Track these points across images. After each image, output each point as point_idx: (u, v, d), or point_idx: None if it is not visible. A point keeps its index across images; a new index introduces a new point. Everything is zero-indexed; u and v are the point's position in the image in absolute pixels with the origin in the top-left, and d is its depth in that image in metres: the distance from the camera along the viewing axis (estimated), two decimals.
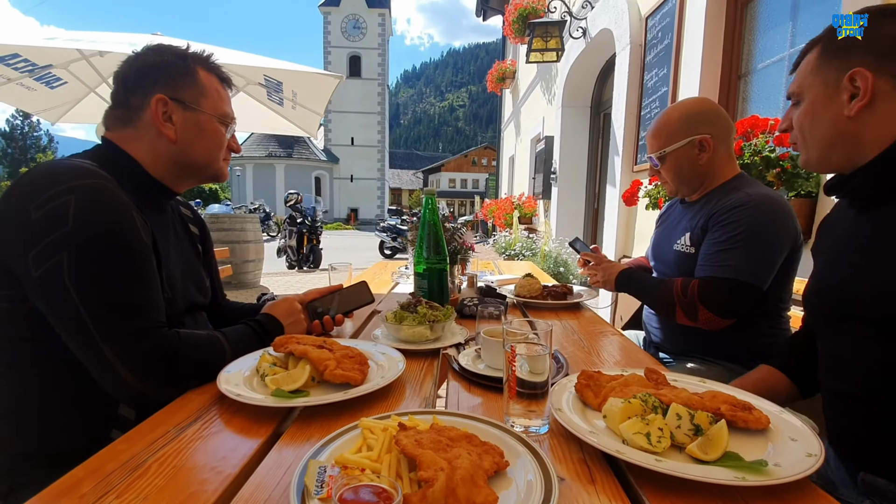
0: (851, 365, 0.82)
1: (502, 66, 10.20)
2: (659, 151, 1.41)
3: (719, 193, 1.37)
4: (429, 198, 1.32)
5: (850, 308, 0.81)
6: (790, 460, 0.58)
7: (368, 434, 0.60)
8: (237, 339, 0.96)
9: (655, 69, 3.75)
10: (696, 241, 1.36)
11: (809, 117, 0.85)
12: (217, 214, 6.14)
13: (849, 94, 0.79)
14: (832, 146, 0.84)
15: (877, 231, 0.80)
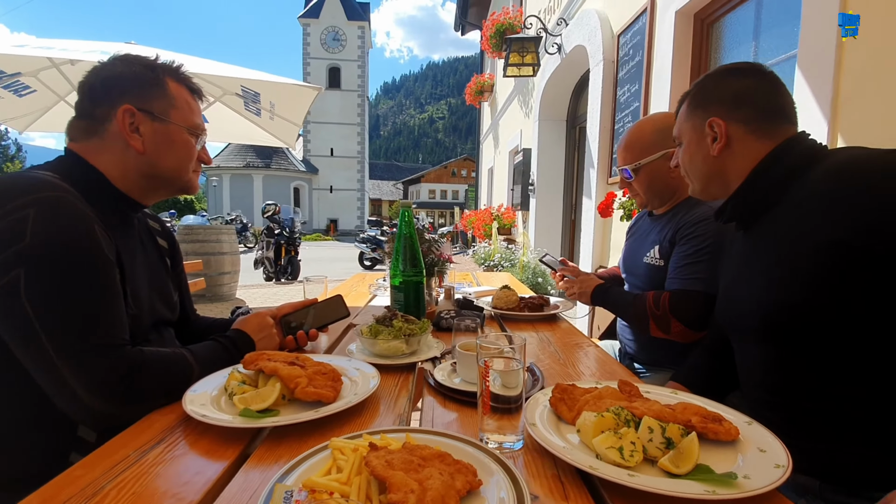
0: (758, 373, 0.91)
1: (480, 80, 10.35)
2: (633, 164, 1.43)
3: (685, 207, 1.41)
4: (405, 210, 1.31)
5: (741, 322, 0.94)
6: (759, 472, 0.58)
7: (338, 455, 0.59)
8: (205, 356, 0.93)
9: (627, 85, 3.86)
10: (664, 254, 1.39)
11: (688, 156, 1.03)
12: (192, 226, 6.00)
13: (711, 138, 0.96)
14: (708, 179, 1.00)
15: (749, 249, 0.95)
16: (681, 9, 3.05)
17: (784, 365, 0.85)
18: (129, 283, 0.93)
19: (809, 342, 0.80)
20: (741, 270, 0.96)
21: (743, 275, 0.95)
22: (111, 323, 0.81)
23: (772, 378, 0.88)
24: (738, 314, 0.95)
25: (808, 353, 0.81)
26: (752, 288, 0.90)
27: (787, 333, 0.83)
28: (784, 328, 0.83)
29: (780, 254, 0.84)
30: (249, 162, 33.19)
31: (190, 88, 1.05)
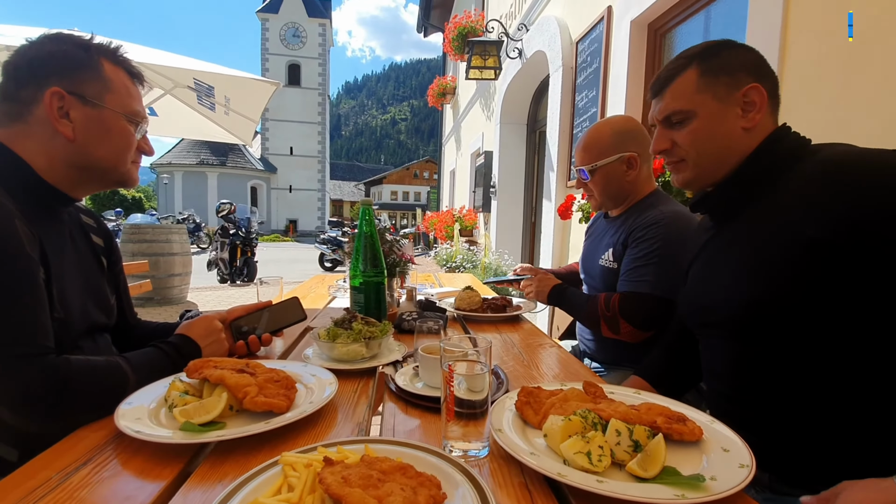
0: (719, 367, 0.92)
1: (443, 82, 10.37)
2: (590, 165, 1.44)
3: (637, 210, 1.44)
4: (365, 208, 1.27)
5: (707, 317, 0.92)
6: (725, 473, 0.58)
7: (290, 471, 0.54)
8: (144, 364, 0.85)
9: (585, 91, 3.95)
10: (617, 256, 1.42)
11: (705, 133, 0.88)
12: (139, 225, 5.66)
13: (740, 108, 0.85)
14: (724, 160, 0.88)
15: (722, 244, 0.91)
16: (635, 19, 3.15)
17: (748, 360, 0.84)
18: (55, 285, 0.83)
19: (778, 339, 0.80)
20: (712, 266, 0.93)
21: (715, 270, 0.92)
22: (33, 329, 0.73)
23: (734, 373, 0.88)
24: (707, 309, 0.92)
25: (774, 350, 0.80)
26: (723, 283, 0.87)
27: (756, 330, 0.82)
28: (755, 324, 0.82)
29: (756, 249, 0.81)
30: (203, 159, 31.76)
31: (129, 72, 0.96)
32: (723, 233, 0.93)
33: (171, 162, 31.17)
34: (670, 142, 0.93)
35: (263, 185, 35.13)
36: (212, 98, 4.63)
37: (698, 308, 0.95)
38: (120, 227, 9.92)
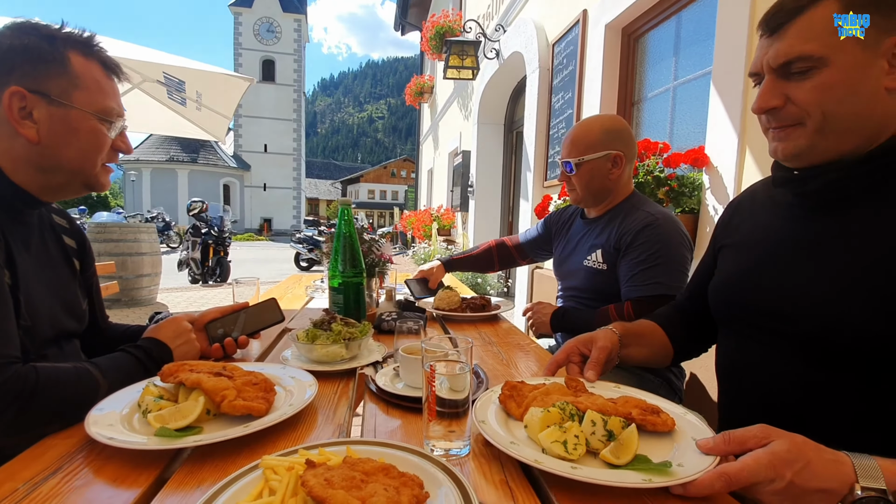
0: (754, 373, 0.81)
1: (420, 81, 10.35)
2: (577, 158, 1.44)
3: (622, 211, 1.46)
4: (344, 208, 1.26)
5: (764, 315, 0.77)
6: (692, 460, 0.61)
7: (271, 475, 0.54)
8: (114, 370, 0.82)
9: (561, 92, 4.02)
10: (608, 258, 1.42)
11: (842, 88, 0.66)
12: (105, 224, 5.45)
13: (888, 61, 0.64)
14: (855, 129, 0.67)
15: (829, 236, 0.72)
16: (610, 23, 3.22)
17: (816, 384, 0.71)
18: (21, 290, 0.80)
19: (874, 367, 0.66)
20: (794, 264, 0.75)
21: (798, 270, 0.74)
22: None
23: (785, 389, 0.74)
24: (776, 314, 0.76)
25: (863, 380, 0.67)
26: (819, 293, 0.70)
27: (858, 359, 0.66)
28: (861, 354, 0.66)
29: (883, 261, 0.64)
30: (173, 156, 30.81)
31: (104, 64, 0.90)
32: (811, 225, 0.74)
33: (139, 158, 30.11)
34: (783, 97, 0.70)
35: (237, 182, 34.33)
36: (182, 93, 4.51)
37: (755, 306, 0.79)
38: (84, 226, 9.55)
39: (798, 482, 0.53)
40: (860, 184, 0.69)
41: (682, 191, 2.37)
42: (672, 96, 2.89)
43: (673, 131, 2.88)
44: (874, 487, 0.52)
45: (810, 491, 0.53)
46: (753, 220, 0.86)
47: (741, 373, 0.83)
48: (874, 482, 0.53)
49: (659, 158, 2.50)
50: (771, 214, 0.82)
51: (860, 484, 0.52)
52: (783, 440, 0.57)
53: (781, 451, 0.55)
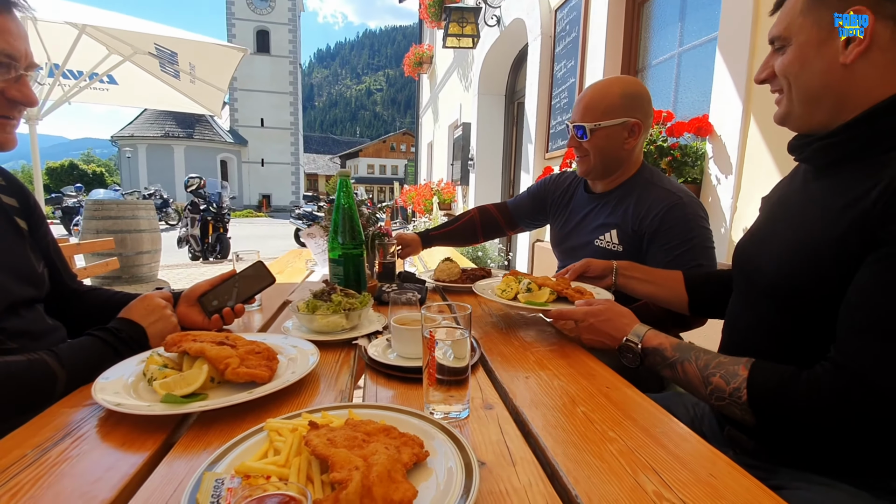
0: (739, 323, 0.89)
1: (419, 51, 10.10)
2: (592, 124, 1.32)
3: (636, 187, 1.36)
4: (343, 180, 1.25)
5: (753, 273, 0.85)
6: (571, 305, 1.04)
7: (275, 436, 0.55)
8: (76, 357, 0.77)
9: (564, 60, 3.92)
10: (626, 240, 1.33)
11: (798, 64, 0.75)
12: (102, 201, 5.41)
13: (844, 40, 0.71)
14: (818, 100, 0.74)
15: (811, 199, 0.77)
16: None
17: (779, 329, 0.79)
18: None
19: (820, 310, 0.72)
20: (783, 219, 0.83)
21: (781, 225, 0.83)
22: None
23: (763, 338, 0.82)
24: (749, 261, 0.87)
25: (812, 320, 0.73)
26: (781, 248, 0.79)
27: (803, 300, 0.74)
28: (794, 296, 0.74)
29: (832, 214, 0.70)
30: (169, 131, 30.39)
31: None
32: (809, 189, 0.80)
33: (134, 134, 29.73)
34: (770, 69, 0.80)
35: (234, 158, 33.98)
36: (175, 65, 4.41)
37: (746, 259, 0.89)
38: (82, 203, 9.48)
39: (595, 325, 0.95)
40: (844, 149, 0.73)
41: (685, 160, 2.34)
42: (677, 63, 2.82)
43: (677, 99, 2.83)
44: (632, 341, 0.89)
45: (602, 332, 0.94)
46: (784, 185, 0.93)
47: (733, 321, 0.93)
48: (634, 338, 0.89)
49: (662, 127, 2.46)
50: (794, 181, 0.88)
51: (627, 337, 0.90)
52: (602, 303, 0.98)
53: (594, 308, 0.97)
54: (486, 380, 0.83)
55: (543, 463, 0.57)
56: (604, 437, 0.62)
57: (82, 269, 2.06)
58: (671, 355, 0.83)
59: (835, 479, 0.72)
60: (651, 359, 0.86)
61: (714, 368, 0.76)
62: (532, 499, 0.49)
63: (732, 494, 0.50)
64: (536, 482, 0.52)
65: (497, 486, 0.51)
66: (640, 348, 0.87)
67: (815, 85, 0.74)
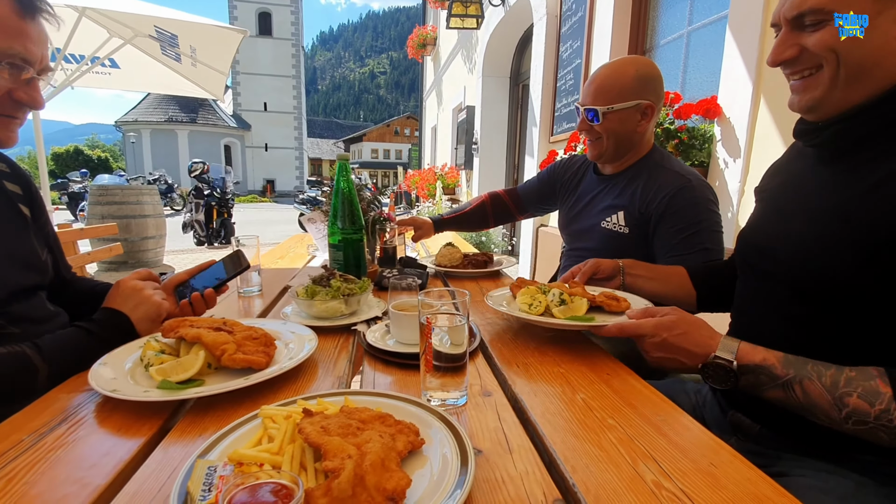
0: (751, 312, 0.85)
1: (423, 32, 9.93)
2: (606, 107, 1.29)
3: (645, 169, 1.33)
4: (342, 164, 1.23)
5: (766, 262, 0.81)
6: (613, 320, 0.86)
7: (270, 423, 0.54)
8: (59, 349, 0.75)
9: (570, 41, 3.83)
10: (632, 221, 1.31)
11: (852, 37, 0.66)
12: (106, 186, 5.41)
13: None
14: (867, 77, 0.67)
15: (830, 185, 0.73)
16: None
17: (800, 318, 0.75)
18: None
19: (847, 304, 0.69)
20: (798, 205, 0.78)
21: (799, 211, 0.77)
22: None
23: (785, 326, 0.78)
24: (762, 250, 0.81)
25: (841, 313, 0.70)
26: (803, 234, 0.74)
27: (829, 295, 0.70)
28: (820, 287, 0.71)
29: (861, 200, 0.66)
30: (172, 116, 30.26)
31: (19, 1, 0.78)
32: (823, 174, 0.75)
33: (138, 119, 29.65)
34: (798, 48, 0.70)
35: (237, 143, 33.86)
36: (176, 48, 4.36)
37: (760, 252, 0.84)
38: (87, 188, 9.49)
39: (671, 341, 0.75)
40: (866, 130, 0.68)
41: (693, 143, 2.29)
42: (686, 43, 2.75)
43: (686, 80, 2.76)
44: (724, 357, 0.70)
45: (678, 349, 0.75)
46: (783, 172, 0.89)
47: (745, 310, 0.89)
48: (727, 354, 0.70)
49: (669, 109, 2.40)
50: (796, 166, 0.84)
51: (716, 353, 0.71)
52: (675, 315, 0.78)
53: (666, 320, 0.78)
54: (485, 366, 0.82)
55: (541, 451, 0.56)
56: (603, 424, 0.62)
57: (87, 255, 2.06)
58: (782, 373, 0.67)
59: (838, 465, 0.71)
60: (751, 378, 0.69)
61: (847, 386, 0.62)
62: (528, 487, 0.48)
63: (733, 484, 0.49)
64: (533, 470, 0.51)
65: (493, 475, 0.51)
66: (736, 366, 0.69)
67: (869, 61, 0.66)
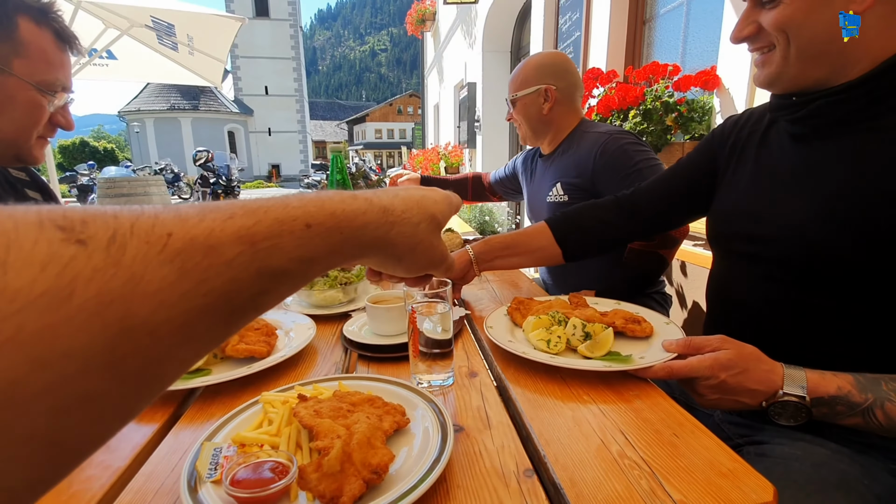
0: (737, 296, 0.84)
1: (421, 7, 9.72)
2: (512, 95, 1.50)
3: (574, 141, 1.48)
4: (335, 156, 1.26)
5: (753, 242, 0.80)
6: (653, 356, 0.73)
7: (269, 408, 0.60)
8: None
9: (569, 13, 3.76)
10: (569, 189, 1.44)
11: (804, 12, 0.67)
12: (114, 178, 5.51)
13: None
14: (822, 55, 0.68)
15: (817, 164, 0.73)
16: None
17: (797, 304, 0.74)
18: None
19: (841, 287, 0.69)
20: (786, 185, 0.77)
21: (789, 191, 0.76)
22: None
23: (756, 305, 0.79)
24: (765, 237, 0.78)
25: (834, 297, 0.70)
26: (801, 215, 0.73)
27: (827, 279, 0.70)
28: (822, 272, 0.70)
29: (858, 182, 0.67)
30: (174, 104, 30.19)
31: (57, 34, 0.86)
32: (806, 152, 0.75)
33: (140, 108, 29.63)
34: (756, 25, 0.73)
35: (241, 128, 33.76)
36: (173, 37, 4.36)
37: (747, 233, 0.82)
38: (94, 181, 9.62)
39: (731, 382, 0.66)
40: (849, 108, 0.69)
41: (692, 116, 2.28)
42: (685, 12, 2.69)
43: (686, 51, 2.71)
44: (794, 393, 0.64)
45: (739, 390, 0.67)
46: (754, 146, 0.87)
47: (730, 296, 0.87)
48: (796, 389, 0.64)
49: (668, 82, 2.38)
50: (773, 141, 0.83)
51: (784, 389, 0.65)
52: (731, 350, 0.68)
53: (723, 358, 0.67)
54: (473, 346, 0.87)
55: (519, 426, 0.61)
56: (579, 400, 0.66)
57: None
58: (861, 399, 0.63)
59: (817, 435, 0.73)
60: (825, 410, 0.65)
61: None
62: (502, 459, 0.53)
63: (691, 452, 0.54)
64: (509, 444, 0.56)
65: (472, 448, 0.56)
66: (809, 401, 0.65)
67: (821, 38, 0.67)
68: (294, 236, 0.28)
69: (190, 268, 0.22)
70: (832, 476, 0.66)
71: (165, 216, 0.22)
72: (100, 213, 0.20)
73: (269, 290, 0.27)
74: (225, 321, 0.24)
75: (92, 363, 0.18)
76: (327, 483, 0.45)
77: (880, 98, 0.67)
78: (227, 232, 0.24)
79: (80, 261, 0.18)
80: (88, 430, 0.19)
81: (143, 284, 0.20)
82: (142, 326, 0.20)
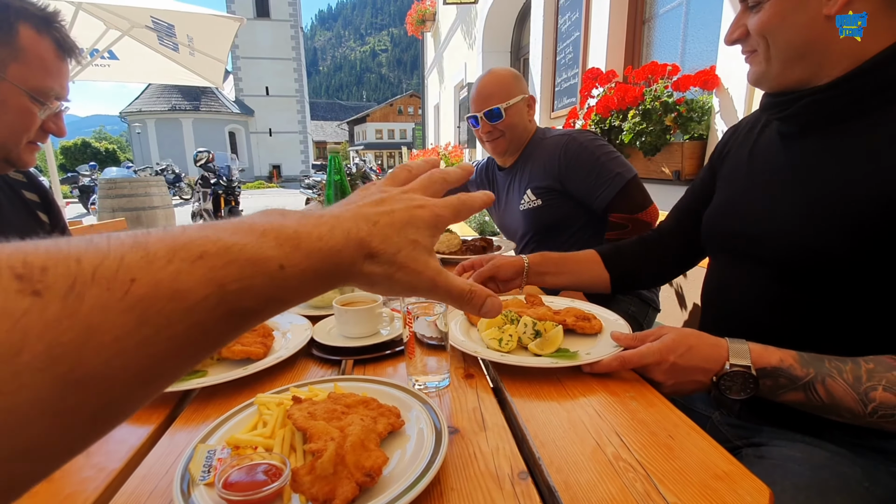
0: (731, 297, 0.84)
1: (421, 7, 9.72)
2: (504, 104, 1.48)
3: (535, 148, 1.54)
4: (333, 157, 1.26)
5: (744, 240, 0.81)
6: (601, 351, 0.77)
7: (264, 410, 0.59)
8: None
9: (569, 13, 3.75)
10: (540, 193, 1.49)
11: (778, 19, 0.70)
12: (115, 179, 5.51)
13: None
14: (800, 57, 0.70)
15: (805, 162, 0.75)
16: None
17: (788, 302, 0.75)
18: None
19: (835, 286, 0.69)
20: (776, 184, 0.78)
21: (779, 190, 0.77)
22: None
23: (763, 309, 0.78)
24: (755, 236, 0.79)
25: (828, 296, 0.70)
26: (789, 213, 0.74)
27: (817, 277, 0.70)
28: (810, 272, 0.71)
29: (847, 182, 0.67)
30: (175, 104, 30.23)
31: (58, 43, 0.86)
32: (794, 151, 0.76)
33: (142, 109, 29.68)
34: (744, 28, 0.75)
35: (241, 129, 33.79)
36: (174, 38, 4.37)
37: (737, 232, 0.83)
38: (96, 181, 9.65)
39: (680, 363, 0.69)
40: (834, 106, 0.70)
41: (691, 115, 2.27)
42: (685, 12, 2.69)
43: (685, 51, 2.71)
44: (741, 364, 0.67)
45: (690, 369, 0.70)
46: (748, 147, 0.88)
47: (723, 296, 0.87)
48: (741, 360, 0.67)
49: (668, 82, 2.37)
50: (764, 141, 0.84)
51: (730, 361, 0.67)
52: (673, 332, 0.73)
53: (668, 340, 0.71)
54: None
55: (514, 428, 0.61)
56: (575, 402, 0.66)
57: None
58: (803, 373, 0.65)
59: (815, 437, 0.73)
60: (769, 382, 0.67)
61: (870, 380, 0.62)
62: (497, 462, 0.53)
63: (687, 454, 0.53)
64: (504, 446, 0.56)
65: (467, 450, 0.56)
66: (755, 370, 0.67)
67: (796, 41, 0.69)
68: (267, 277, 0.27)
69: (152, 315, 0.21)
70: (832, 478, 0.66)
71: (132, 258, 0.22)
72: (62, 259, 0.20)
73: (238, 328, 0.27)
74: (191, 361, 0.24)
75: (36, 416, 0.18)
76: (320, 486, 0.45)
77: (863, 97, 0.68)
78: (195, 275, 0.23)
79: (32, 315, 0.18)
80: (31, 472, 0.19)
81: (99, 335, 0.20)
82: (94, 376, 0.19)
